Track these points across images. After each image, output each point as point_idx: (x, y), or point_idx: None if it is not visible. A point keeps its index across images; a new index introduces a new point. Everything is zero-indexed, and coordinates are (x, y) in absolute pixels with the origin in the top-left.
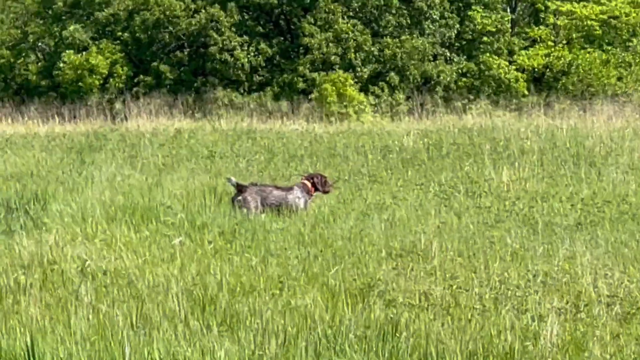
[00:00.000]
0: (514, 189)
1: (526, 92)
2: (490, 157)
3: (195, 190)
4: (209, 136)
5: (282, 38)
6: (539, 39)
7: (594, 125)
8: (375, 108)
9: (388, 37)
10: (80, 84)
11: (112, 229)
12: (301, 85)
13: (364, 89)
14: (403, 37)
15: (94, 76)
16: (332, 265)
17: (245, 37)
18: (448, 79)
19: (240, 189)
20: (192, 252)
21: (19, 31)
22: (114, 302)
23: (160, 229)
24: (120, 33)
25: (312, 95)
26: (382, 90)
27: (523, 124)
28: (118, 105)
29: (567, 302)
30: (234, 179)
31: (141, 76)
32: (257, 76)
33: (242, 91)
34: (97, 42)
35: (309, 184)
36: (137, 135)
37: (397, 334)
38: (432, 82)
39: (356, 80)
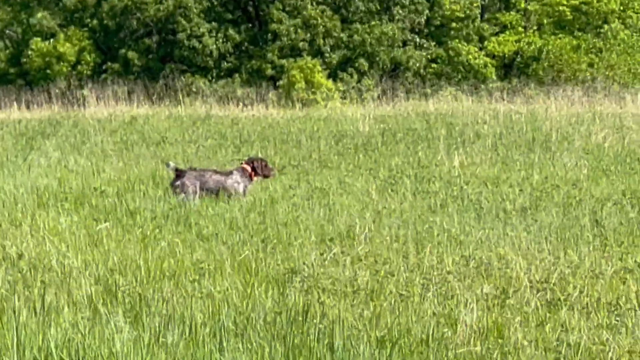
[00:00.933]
0: (465, 173)
1: (495, 78)
2: (446, 142)
3: (136, 175)
4: (164, 122)
5: (250, 25)
6: (509, 24)
7: (555, 110)
8: (344, 94)
9: (357, 23)
10: (48, 71)
11: (41, 214)
12: (269, 72)
13: (332, 76)
14: (372, 23)
15: (62, 63)
16: (260, 250)
17: (214, 24)
18: (417, 64)
19: (178, 173)
20: (120, 238)
21: None
22: (22, 287)
23: (91, 214)
24: (88, 20)
25: (281, 82)
26: (351, 77)
27: (484, 109)
28: (85, 92)
29: (497, 288)
30: (172, 164)
31: (109, 63)
32: (226, 63)
33: (210, 78)
34: (64, 29)
35: (248, 169)
36: (91, 122)
37: (309, 321)
38: (402, 68)
39: (325, 66)
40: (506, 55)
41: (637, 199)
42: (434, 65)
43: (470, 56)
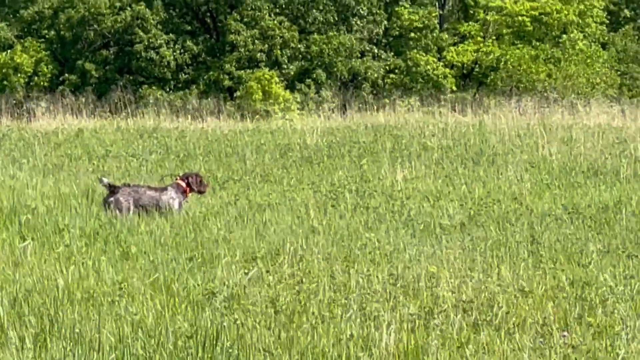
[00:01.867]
0: (408, 188)
1: (454, 88)
2: (392, 155)
3: (70, 191)
4: (111, 135)
5: (208, 35)
6: (468, 34)
7: (506, 122)
8: (302, 105)
9: (315, 33)
10: (5, 82)
11: None
12: (227, 82)
13: (290, 87)
14: (330, 34)
15: (19, 75)
16: (185, 270)
17: (172, 35)
18: (375, 75)
19: (112, 189)
20: (45, 256)
21: None
22: None
23: (19, 231)
24: (45, 31)
25: (238, 93)
26: (309, 88)
27: (434, 122)
28: (43, 104)
29: (424, 308)
30: (105, 180)
31: (66, 75)
32: (183, 74)
33: (167, 89)
34: (22, 40)
35: (183, 184)
36: (37, 135)
37: (221, 345)
38: (360, 79)
39: (282, 77)
40: (465, 65)
41: (577, 213)
42: (392, 75)
43: (429, 66)
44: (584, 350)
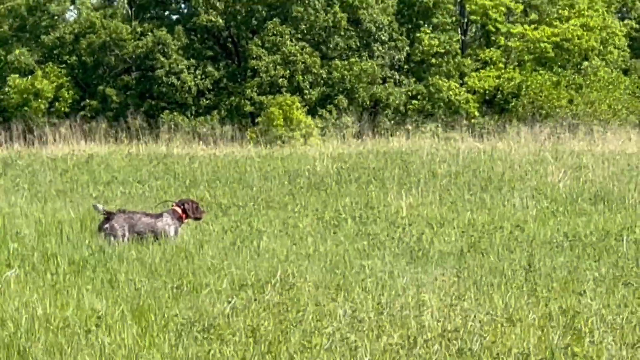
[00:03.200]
0: (412, 214)
1: (477, 114)
2: (400, 181)
3: (67, 218)
4: (120, 161)
5: (229, 61)
6: (490, 60)
7: (517, 149)
8: (323, 131)
9: (337, 59)
10: (25, 108)
11: None
12: (248, 108)
13: (312, 112)
14: (352, 60)
15: (40, 100)
16: (170, 298)
17: (193, 60)
18: (397, 101)
19: (108, 216)
20: (30, 285)
21: None
22: None
23: (5, 260)
24: (66, 56)
25: (259, 119)
26: (330, 114)
27: (448, 148)
28: (63, 130)
29: (409, 337)
30: (100, 206)
31: (87, 100)
32: (204, 99)
33: (189, 115)
34: (42, 66)
35: (179, 210)
36: (45, 161)
37: None
38: (382, 105)
39: (304, 103)
40: (487, 91)
41: (578, 240)
42: (414, 101)
43: (450, 92)
44: None
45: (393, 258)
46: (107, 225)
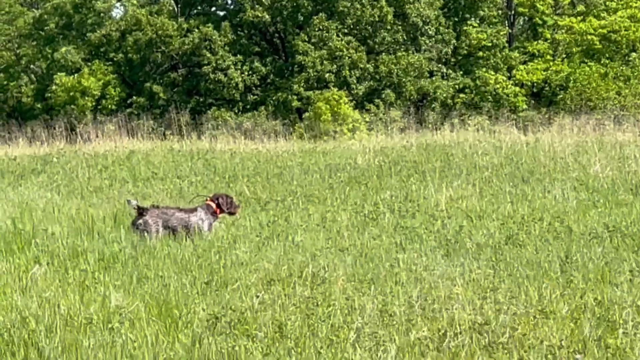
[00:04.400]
0: (452, 207)
1: (525, 107)
2: (442, 174)
3: (101, 214)
4: (161, 157)
5: (276, 56)
6: (537, 53)
7: (560, 140)
8: (370, 126)
9: (383, 53)
10: (72, 106)
11: None
12: (296, 103)
13: (359, 107)
14: (399, 54)
15: (87, 98)
16: (198, 294)
17: (239, 56)
18: (445, 95)
19: (141, 211)
20: (57, 282)
21: (11, 54)
22: None
23: (35, 256)
24: (112, 54)
25: (306, 114)
26: (378, 108)
27: (492, 140)
28: (107, 127)
29: (439, 331)
30: (134, 201)
31: (134, 97)
32: (252, 95)
33: (236, 111)
34: (89, 64)
35: (213, 205)
36: (86, 158)
37: None
38: (429, 99)
39: (351, 98)
40: (535, 84)
41: (619, 232)
42: (461, 95)
43: (498, 85)
44: None
45: (429, 251)
46: (140, 221)
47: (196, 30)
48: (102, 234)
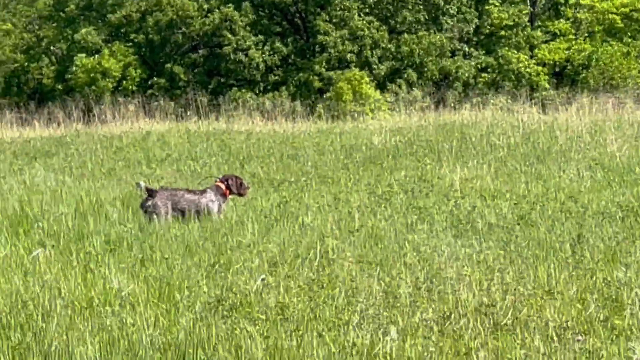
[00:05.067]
0: (466, 187)
1: (547, 86)
2: (457, 154)
3: (109, 196)
4: (177, 139)
5: (297, 36)
6: (559, 32)
7: (578, 119)
8: (392, 105)
9: (405, 33)
10: (93, 87)
11: None
12: (317, 84)
13: (381, 87)
14: (420, 33)
15: (107, 79)
16: (202, 276)
17: (260, 37)
18: (467, 74)
19: (150, 193)
20: (62, 264)
21: (32, 35)
22: None
23: (40, 239)
24: (133, 35)
25: (328, 94)
26: (400, 88)
27: (510, 119)
28: (131, 108)
29: (445, 313)
30: (143, 183)
31: (155, 78)
32: (273, 76)
33: (257, 91)
34: (109, 45)
35: (223, 186)
36: (101, 139)
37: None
38: (451, 78)
39: (372, 78)
40: (557, 63)
41: (632, 211)
42: (484, 74)
43: (520, 64)
44: (597, 354)
45: (440, 232)
46: (149, 203)
47: (217, 10)
48: (109, 216)
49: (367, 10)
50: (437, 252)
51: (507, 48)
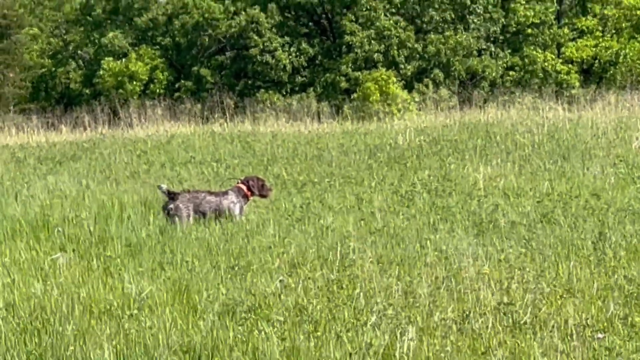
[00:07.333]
0: (489, 186)
1: (577, 84)
2: (482, 152)
3: (132, 200)
4: (201, 141)
5: (323, 37)
6: (586, 29)
7: (604, 116)
8: (419, 105)
9: (431, 33)
10: (120, 90)
11: (11, 245)
12: (344, 84)
13: (408, 87)
14: (447, 33)
15: (135, 82)
16: (222, 279)
17: (287, 38)
18: (494, 74)
19: (172, 196)
20: (82, 269)
21: (59, 40)
22: None
23: (60, 243)
24: (160, 38)
25: (355, 95)
26: (427, 87)
27: (535, 117)
28: (159, 111)
29: (464, 312)
30: (164, 186)
31: (182, 81)
32: (299, 77)
33: (284, 93)
34: (136, 48)
35: (244, 188)
36: (125, 143)
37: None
38: (478, 77)
39: (400, 77)
40: (584, 61)
41: None
42: (511, 73)
43: (546, 63)
44: (617, 352)
45: (462, 231)
46: (171, 206)
47: (243, 12)
48: (132, 220)
49: (393, 10)
50: (457, 251)
51: (532, 47)
